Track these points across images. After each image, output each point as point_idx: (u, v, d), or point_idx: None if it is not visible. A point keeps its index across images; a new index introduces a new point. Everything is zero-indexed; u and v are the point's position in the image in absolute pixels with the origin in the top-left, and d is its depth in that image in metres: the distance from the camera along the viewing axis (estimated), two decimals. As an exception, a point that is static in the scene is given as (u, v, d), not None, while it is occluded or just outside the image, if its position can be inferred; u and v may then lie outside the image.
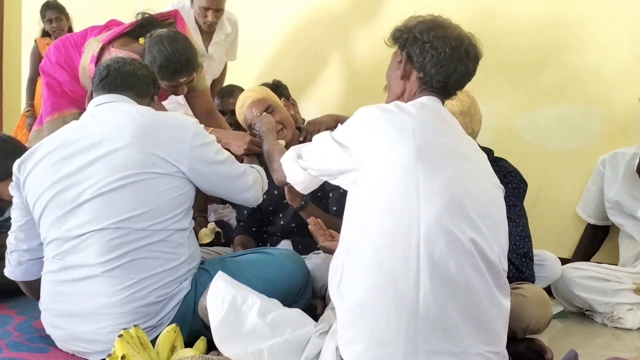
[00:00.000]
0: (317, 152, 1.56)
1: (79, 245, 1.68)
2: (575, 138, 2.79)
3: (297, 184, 1.65)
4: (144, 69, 1.95)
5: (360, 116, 1.48)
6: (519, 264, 2.01)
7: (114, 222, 1.66)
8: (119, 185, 1.67)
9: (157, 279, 1.69)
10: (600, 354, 1.94)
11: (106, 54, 2.53)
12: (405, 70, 1.57)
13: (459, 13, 3.03)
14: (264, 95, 2.36)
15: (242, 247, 2.31)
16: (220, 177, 1.84)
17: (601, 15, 2.71)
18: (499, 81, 2.94)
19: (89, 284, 1.67)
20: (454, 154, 1.42)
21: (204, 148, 1.79)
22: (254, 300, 1.55)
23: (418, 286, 1.30)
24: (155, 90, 2.00)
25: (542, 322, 1.84)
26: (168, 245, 1.71)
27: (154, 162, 1.70)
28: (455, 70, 1.52)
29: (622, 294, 2.32)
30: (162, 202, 1.70)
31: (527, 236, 2.07)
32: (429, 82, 1.53)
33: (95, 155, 1.70)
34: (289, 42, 3.72)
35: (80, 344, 1.72)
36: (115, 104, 1.81)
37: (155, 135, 1.73)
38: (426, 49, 1.51)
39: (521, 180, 2.14)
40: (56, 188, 1.71)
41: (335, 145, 1.48)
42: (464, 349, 1.32)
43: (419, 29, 1.54)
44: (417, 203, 1.33)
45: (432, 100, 1.53)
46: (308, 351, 1.47)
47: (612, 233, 2.74)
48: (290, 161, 1.65)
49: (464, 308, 1.32)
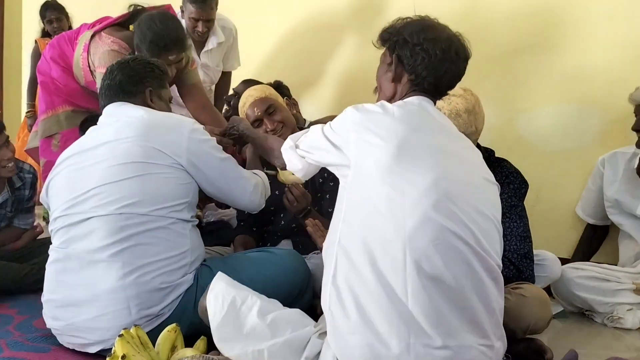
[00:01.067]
0: (312, 144, 1.60)
1: (83, 231, 1.73)
2: (575, 138, 2.79)
3: (297, 171, 1.71)
4: (134, 66, 1.97)
5: (344, 118, 1.51)
6: (520, 265, 2.01)
7: (117, 207, 1.72)
8: (121, 171, 1.74)
9: (160, 265, 1.72)
10: (600, 354, 1.94)
11: (97, 40, 2.56)
12: (396, 73, 1.57)
13: (458, 13, 3.05)
14: (266, 94, 2.36)
15: (243, 247, 2.31)
16: (219, 174, 1.88)
17: (601, 14, 2.71)
18: (498, 81, 2.95)
19: (93, 270, 1.71)
20: (440, 151, 1.43)
21: (202, 144, 1.85)
22: (253, 300, 1.56)
23: (406, 283, 1.31)
24: (155, 80, 1.99)
25: (542, 322, 1.84)
26: (170, 233, 1.75)
27: (154, 155, 1.77)
28: (446, 72, 1.53)
29: (622, 294, 2.32)
30: (163, 189, 1.77)
31: (527, 237, 2.07)
32: (420, 84, 1.55)
33: (101, 150, 1.81)
34: (290, 43, 3.72)
35: (80, 334, 1.73)
36: (120, 108, 1.91)
37: (155, 130, 1.81)
38: (417, 52, 1.52)
39: (522, 181, 2.15)
40: (67, 185, 1.82)
41: (326, 141, 1.52)
42: (459, 342, 1.33)
43: (408, 32, 1.54)
44: (402, 201, 1.34)
45: (421, 99, 1.54)
46: (308, 351, 1.47)
47: (611, 233, 2.74)
48: (288, 150, 1.70)
49: (454, 302, 1.34)
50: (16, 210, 2.56)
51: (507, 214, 2.04)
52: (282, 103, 2.41)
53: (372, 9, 3.32)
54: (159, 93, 2.00)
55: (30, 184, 2.56)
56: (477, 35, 2.96)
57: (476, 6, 2.99)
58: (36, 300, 2.20)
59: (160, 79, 2.02)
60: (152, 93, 1.97)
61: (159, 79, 2.01)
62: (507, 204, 2.05)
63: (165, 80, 2.06)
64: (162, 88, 2.02)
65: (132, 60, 2.01)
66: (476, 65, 2.97)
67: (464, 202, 1.39)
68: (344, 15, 3.48)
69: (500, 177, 2.11)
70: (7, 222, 2.56)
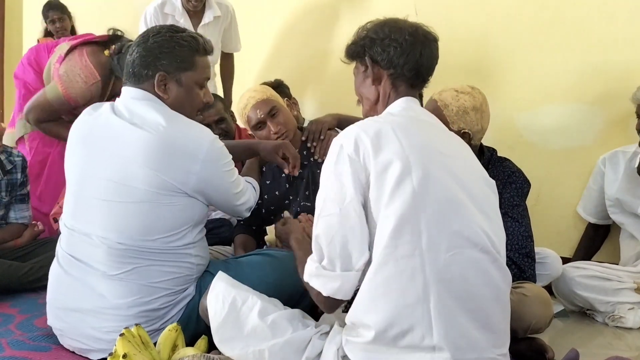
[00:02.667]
0: (337, 234, 1.36)
1: (87, 243, 1.71)
2: (576, 137, 2.78)
3: (339, 294, 1.38)
4: (151, 43, 1.74)
5: (332, 177, 1.39)
6: (522, 264, 2.01)
7: (116, 237, 1.68)
8: (122, 193, 1.67)
9: (162, 287, 1.72)
10: (601, 353, 1.94)
11: (75, 54, 2.67)
12: (374, 74, 1.54)
13: (458, 12, 3.05)
14: (267, 96, 2.32)
15: (243, 247, 2.30)
16: (221, 194, 1.82)
17: (602, 14, 2.71)
18: (499, 80, 2.94)
19: (97, 283, 1.70)
20: (437, 154, 1.40)
21: (215, 168, 1.74)
22: (254, 301, 1.55)
23: (428, 297, 1.28)
24: (174, 62, 1.74)
25: (543, 321, 1.84)
26: (172, 257, 1.73)
27: (160, 185, 1.67)
28: (421, 55, 1.50)
29: (623, 293, 2.32)
30: (164, 220, 1.70)
31: (529, 236, 2.07)
32: (401, 75, 1.51)
33: (109, 154, 1.71)
34: (290, 42, 3.72)
35: (83, 340, 1.73)
36: (136, 104, 1.74)
37: (167, 158, 1.67)
38: (387, 44, 1.50)
39: (525, 181, 2.14)
40: (76, 178, 1.78)
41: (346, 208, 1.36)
42: (478, 355, 1.32)
43: (372, 31, 1.54)
44: (416, 220, 1.30)
45: (405, 101, 1.52)
46: (309, 352, 1.46)
47: (612, 232, 2.74)
48: (314, 278, 1.40)
49: (474, 314, 1.32)
50: (11, 196, 2.57)
51: (510, 213, 2.03)
52: (283, 104, 2.38)
53: (373, 8, 3.31)
54: (177, 77, 1.75)
55: (21, 167, 2.58)
56: (477, 33, 2.99)
57: (476, 4, 2.99)
58: (37, 300, 2.21)
59: (183, 60, 1.74)
60: (166, 78, 1.74)
61: (181, 60, 1.74)
62: (509, 203, 2.05)
63: (194, 59, 1.76)
64: (185, 71, 1.75)
65: (154, 35, 1.75)
66: (477, 64, 3.01)
67: (470, 203, 1.37)
68: (346, 15, 3.48)
69: (503, 176, 2.11)
70: (4, 210, 2.56)
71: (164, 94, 1.75)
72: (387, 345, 1.31)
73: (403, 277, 1.29)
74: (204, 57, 1.80)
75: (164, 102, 1.75)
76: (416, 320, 1.28)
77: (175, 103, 1.76)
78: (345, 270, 1.35)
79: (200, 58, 1.78)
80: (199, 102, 1.83)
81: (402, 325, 1.29)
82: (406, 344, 1.29)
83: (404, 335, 1.29)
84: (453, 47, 3.01)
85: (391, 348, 1.30)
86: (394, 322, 1.29)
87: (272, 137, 2.26)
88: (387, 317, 1.29)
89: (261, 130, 2.29)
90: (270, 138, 2.27)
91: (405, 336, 1.29)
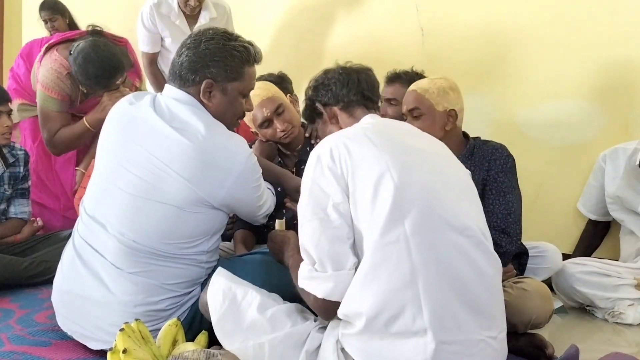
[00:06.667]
0: (321, 238, 1.40)
1: (102, 233, 1.71)
2: (576, 134, 2.79)
3: (331, 295, 1.39)
4: (203, 49, 1.71)
5: (311, 184, 1.43)
6: (497, 239, 1.95)
7: (133, 235, 1.68)
8: (149, 192, 1.67)
9: (170, 289, 1.72)
10: (601, 349, 1.94)
11: (49, 55, 2.74)
12: (329, 114, 1.67)
13: (458, 9, 3.04)
14: (272, 94, 2.28)
15: (243, 243, 2.30)
16: (246, 207, 1.85)
17: (603, 10, 2.71)
18: (500, 76, 2.94)
19: (106, 275, 1.70)
20: (411, 149, 1.46)
21: (247, 185, 1.75)
22: (253, 295, 1.56)
23: (416, 280, 1.30)
24: (223, 71, 1.71)
25: (543, 316, 1.84)
26: (184, 262, 1.74)
27: (188, 193, 1.66)
28: (359, 80, 1.65)
29: (623, 290, 2.31)
30: (185, 227, 1.70)
31: (510, 213, 2.03)
32: (350, 101, 1.64)
33: (144, 151, 1.69)
34: (285, 41, 3.72)
35: (86, 326, 1.73)
36: (178, 106, 1.72)
37: (204, 172, 1.66)
38: (326, 84, 1.67)
39: (508, 155, 2.12)
40: (105, 166, 1.78)
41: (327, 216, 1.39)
42: (466, 336, 1.33)
43: (310, 85, 1.72)
44: (400, 212, 1.33)
45: (373, 117, 1.62)
46: (308, 345, 1.47)
47: (613, 229, 2.74)
48: (307, 281, 1.43)
49: (460, 296, 1.33)
50: (13, 189, 2.57)
51: (493, 189, 2.04)
52: (287, 100, 2.35)
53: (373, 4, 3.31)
54: (223, 86, 1.73)
55: (23, 161, 2.60)
56: (477, 30, 2.98)
57: (476, 0, 2.99)
58: (37, 295, 2.22)
59: (232, 70, 1.72)
60: (213, 86, 1.72)
61: (231, 70, 1.72)
62: (493, 180, 2.06)
63: (243, 69, 1.74)
64: (233, 81, 1.73)
65: (206, 40, 1.72)
66: (477, 60, 3.01)
67: (451, 190, 1.43)
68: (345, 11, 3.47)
69: (487, 154, 2.11)
70: (6, 203, 2.57)
71: (208, 101, 1.74)
72: (380, 332, 1.32)
73: (390, 262, 1.32)
74: (252, 67, 1.80)
75: (206, 109, 1.74)
76: (406, 302, 1.30)
77: (217, 111, 1.75)
78: (336, 270, 1.38)
79: (249, 68, 1.78)
80: (241, 111, 1.83)
81: (392, 309, 1.31)
82: (398, 329, 1.31)
83: (395, 319, 1.31)
84: (453, 44, 3.02)
85: (385, 336, 1.32)
86: (384, 307, 1.31)
87: (279, 135, 2.25)
88: (377, 302, 1.31)
89: (267, 128, 2.27)
90: (277, 136, 2.26)
91: (397, 320, 1.31)
